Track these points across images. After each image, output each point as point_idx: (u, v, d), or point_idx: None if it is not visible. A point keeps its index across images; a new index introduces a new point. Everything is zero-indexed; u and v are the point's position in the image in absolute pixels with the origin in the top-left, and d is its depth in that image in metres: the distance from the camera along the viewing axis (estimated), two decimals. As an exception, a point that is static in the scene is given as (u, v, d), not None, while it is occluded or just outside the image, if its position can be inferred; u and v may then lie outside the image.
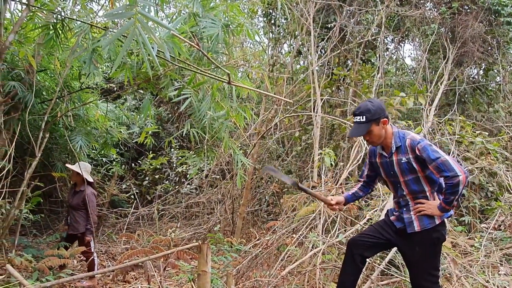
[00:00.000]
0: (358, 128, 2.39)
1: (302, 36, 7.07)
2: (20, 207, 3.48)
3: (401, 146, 2.40)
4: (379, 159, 2.54)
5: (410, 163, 2.36)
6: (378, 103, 2.42)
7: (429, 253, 2.40)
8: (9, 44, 3.60)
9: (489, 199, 5.38)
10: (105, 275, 4.68)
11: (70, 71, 5.26)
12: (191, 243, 4.21)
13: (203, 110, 3.35)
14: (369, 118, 2.35)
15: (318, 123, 5.81)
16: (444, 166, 2.23)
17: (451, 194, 2.26)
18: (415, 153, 2.33)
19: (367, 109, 2.36)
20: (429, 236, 2.39)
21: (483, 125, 7.31)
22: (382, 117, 2.38)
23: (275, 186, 6.70)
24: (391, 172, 2.47)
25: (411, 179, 2.40)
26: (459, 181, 2.21)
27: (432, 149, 2.29)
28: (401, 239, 2.49)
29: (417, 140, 2.34)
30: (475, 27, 7.15)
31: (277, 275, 3.57)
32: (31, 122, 4.80)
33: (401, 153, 2.40)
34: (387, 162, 2.48)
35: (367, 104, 2.39)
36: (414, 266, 2.45)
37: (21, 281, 2.08)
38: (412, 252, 2.43)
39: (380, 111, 2.37)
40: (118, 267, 3.02)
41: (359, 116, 2.37)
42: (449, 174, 2.22)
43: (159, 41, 2.00)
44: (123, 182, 8.27)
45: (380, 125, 2.38)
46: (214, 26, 3.06)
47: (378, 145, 2.49)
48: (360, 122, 2.38)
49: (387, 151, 2.47)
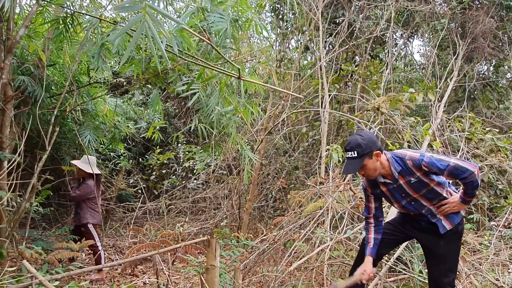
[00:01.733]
0: (351, 164, 2.30)
1: (310, 31, 7.03)
2: (31, 200, 3.51)
3: (402, 169, 2.33)
4: (384, 187, 2.46)
5: (420, 180, 2.33)
6: (369, 136, 2.33)
7: (453, 248, 2.41)
8: (19, 39, 3.63)
9: (498, 197, 5.33)
10: (113, 268, 4.73)
11: (79, 66, 5.29)
12: (198, 238, 4.23)
13: (211, 105, 3.35)
14: (361, 153, 2.26)
15: (325, 119, 5.79)
16: (457, 170, 2.21)
17: (473, 188, 2.27)
18: (423, 170, 2.28)
19: (358, 144, 2.27)
20: (456, 230, 2.40)
21: (493, 122, 7.22)
22: (374, 149, 2.28)
23: (282, 181, 6.70)
24: (402, 195, 2.42)
25: (425, 192, 2.37)
26: (474, 176, 2.22)
27: (437, 160, 2.25)
28: (425, 235, 2.49)
29: (418, 158, 2.28)
30: (486, 23, 7.04)
31: (284, 271, 3.57)
32: (41, 117, 4.84)
33: (407, 175, 2.34)
34: (395, 188, 2.41)
35: (357, 139, 2.30)
36: (436, 261, 2.44)
37: (36, 275, 2.10)
38: (437, 247, 2.42)
39: (372, 144, 2.28)
40: (127, 260, 3.04)
41: (350, 152, 2.29)
42: (465, 174, 2.21)
43: (168, 35, 1.99)
44: (130, 177, 8.33)
45: (374, 158, 2.30)
46: (222, 20, 3.04)
47: (374, 177, 2.40)
48: (352, 158, 2.29)
49: (390, 178, 2.40)
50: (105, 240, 6.14)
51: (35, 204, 4.07)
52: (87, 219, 4.52)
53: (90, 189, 4.48)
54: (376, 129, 5.14)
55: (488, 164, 5.26)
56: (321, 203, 4.30)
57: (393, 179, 2.38)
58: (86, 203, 4.53)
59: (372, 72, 6.75)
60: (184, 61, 3.33)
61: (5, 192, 3.42)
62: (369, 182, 2.51)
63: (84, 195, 4.47)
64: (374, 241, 2.54)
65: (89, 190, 4.48)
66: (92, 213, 4.55)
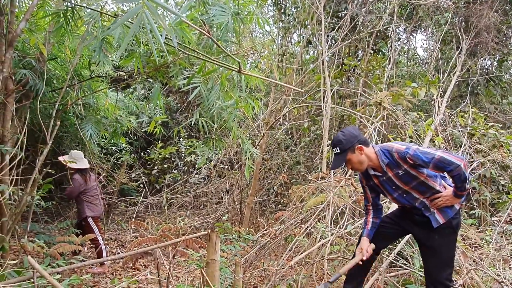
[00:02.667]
0: (336, 160, 2.41)
1: (312, 25, 6.98)
2: (32, 193, 3.52)
3: (390, 161, 2.37)
4: (375, 179, 2.52)
5: (408, 173, 2.35)
6: (350, 131, 2.41)
7: (448, 242, 2.41)
8: (20, 32, 3.61)
9: (500, 192, 5.31)
10: (115, 262, 4.76)
11: (80, 60, 5.28)
12: (200, 232, 4.24)
13: (212, 100, 3.34)
14: (343, 149, 2.36)
15: (327, 114, 5.76)
16: (442, 163, 2.22)
17: (462, 182, 2.26)
18: (409, 163, 2.31)
19: (339, 140, 2.38)
20: (449, 225, 2.39)
21: (496, 117, 7.18)
22: (356, 144, 2.36)
23: (283, 176, 6.70)
24: (393, 187, 2.45)
25: (416, 184, 2.38)
26: (461, 169, 2.21)
27: (422, 152, 2.27)
28: (420, 228, 2.49)
29: (403, 151, 2.31)
30: (490, 17, 6.98)
31: (285, 265, 3.58)
32: (42, 110, 4.85)
33: (394, 168, 2.38)
34: (384, 180, 2.46)
35: (338, 136, 2.41)
36: (432, 255, 2.44)
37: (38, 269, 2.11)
38: (432, 241, 2.42)
39: (352, 139, 2.36)
40: (128, 254, 3.06)
41: (334, 148, 2.41)
42: (451, 167, 2.21)
43: (167, 28, 1.98)
44: (132, 171, 8.35)
45: (357, 152, 2.37)
46: (223, 14, 3.02)
47: (362, 170, 2.46)
48: (337, 154, 2.40)
49: (379, 171, 2.45)
50: (107, 234, 6.17)
51: (37, 198, 4.08)
52: (86, 213, 4.55)
53: (78, 183, 4.51)
54: (378, 124, 5.11)
55: (490, 159, 5.23)
56: (322, 198, 4.30)
57: (382, 171, 2.42)
58: (81, 197, 4.55)
59: (375, 66, 6.72)
60: (185, 55, 3.32)
61: (7, 186, 3.42)
62: (363, 174, 2.58)
63: (74, 190, 4.50)
64: (371, 224, 2.61)
65: (77, 184, 4.50)
66: (90, 206, 4.58)
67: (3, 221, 3.36)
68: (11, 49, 3.52)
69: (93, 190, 4.65)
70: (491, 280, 3.26)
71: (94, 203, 4.62)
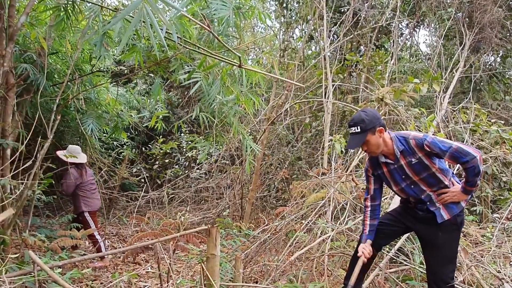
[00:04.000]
0: (354, 140, 2.35)
1: (314, 20, 6.95)
2: (33, 188, 3.53)
3: (404, 148, 2.35)
4: (385, 168, 2.48)
5: (421, 162, 2.33)
6: (373, 112, 2.37)
7: (451, 239, 2.39)
8: (21, 26, 3.60)
9: (502, 189, 5.28)
10: (116, 256, 4.77)
11: (81, 54, 5.27)
12: (200, 227, 4.25)
13: (212, 94, 3.33)
14: (364, 128, 2.31)
15: (329, 110, 5.74)
16: (459, 153, 2.20)
17: (474, 175, 2.24)
18: (425, 150, 2.29)
19: (361, 119, 2.32)
20: (454, 221, 2.37)
21: (499, 114, 7.14)
22: (377, 126, 2.32)
23: (284, 172, 6.69)
24: (403, 177, 2.42)
25: (426, 175, 2.36)
26: (477, 161, 2.19)
27: (439, 141, 2.25)
28: (423, 225, 2.47)
29: (421, 138, 2.30)
30: (494, 12, 6.91)
31: (285, 261, 3.59)
32: (43, 105, 4.84)
33: (408, 156, 2.35)
34: (396, 169, 2.42)
35: (360, 115, 2.35)
36: (434, 252, 2.42)
37: (39, 263, 2.12)
38: (435, 238, 2.40)
39: (375, 120, 2.33)
40: (128, 248, 3.06)
41: (354, 127, 2.34)
42: (467, 158, 2.19)
43: (167, 22, 1.96)
44: (133, 166, 8.36)
45: (377, 134, 2.33)
46: (225, 8, 3.00)
47: (377, 154, 2.42)
48: (356, 133, 2.34)
49: (391, 158, 2.41)
50: (108, 228, 6.19)
51: (38, 192, 4.09)
52: (81, 208, 4.56)
53: (73, 177, 4.50)
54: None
55: (492, 156, 5.20)
56: (323, 193, 4.30)
57: (394, 158, 2.39)
58: (77, 192, 4.55)
59: (377, 62, 6.68)
60: (186, 50, 3.30)
61: (8, 180, 3.43)
62: (371, 162, 2.54)
63: (69, 185, 4.49)
64: (369, 227, 2.57)
65: (73, 178, 4.50)
66: (85, 201, 4.58)
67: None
68: (11, 43, 3.51)
69: (89, 184, 4.64)
70: (491, 276, 3.25)
71: (91, 197, 4.62)
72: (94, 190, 4.73)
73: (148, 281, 4.04)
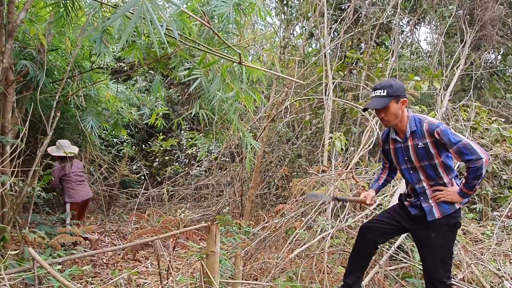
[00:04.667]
0: (376, 101, 2.32)
1: (315, 17, 6.92)
2: (33, 184, 3.52)
3: (416, 130, 2.33)
4: (392, 145, 2.47)
5: (427, 148, 2.29)
6: (400, 83, 2.38)
7: (445, 240, 2.35)
8: (20, 23, 3.59)
9: (502, 187, 5.28)
10: (116, 253, 4.78)
11: (81, 51, 5.25)
12: (200, 224, 4.25)
13: (212, 91, 3.32)
14: (390, 93, 2.30)
15: (329, 107, 5.73)
16: (466, 150, 2.17)
17: (474, 178, 2.19)
18: (434, 137, 2.25)
19: (390, 84, 2.32)
20: (446, 222, 2.33)
21: (499, 112, 7.12)
22: (402, 96, 2.32)
23: (284, 169, 6.69)
24: (405, 158, 2.40)
25: (427, 165, 2.33)
26: (482, 163, 2.15)
27: (452, 133, 2.22)
28: (416, 225, 2.44)
29: (435, 124, 2.26)
30: (495, 10, 6.89)
31: (285, 258, 3.59)
32: (43, 102, 4.84)
33: (417, 138, 2.32)
34: (401, 148, 2.41)
35: (390, 81, 2.36)
36: (429, 253, 2.40)
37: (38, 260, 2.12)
38: (428, 238, 2.37)
39: (402, 90, 2.33)
40: (128, 245, 3.06)
41: (380, 90, 2.32)
42: (472, 157, 2.16)
43: (167, 19, 1.95)
44: (133, 163, 8.36)
45: (399, 104, 2.32)
46: (225, 4, 2.98)
47: (392, 125, 2.40)
48: (380, 96, 2.32)
49: (401, 136, 2.40)
50: (108, 225, 6.19)
51: (38, 189, 4.09)
52: (65, 199, 4.74)
53: (56, 169, 4.64)
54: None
55: (493, 154, 5.20)
56: (323, 191, 4.29)
57: (403, 137, 2.39)
58: (62, 183, 4.73)
59: (378, 59, 6.66)
60: (186, 46, 3.29)
61: (7, 177, 3.43)
62: (383, 136, 2.58)
63: (55, 178, 4.62)
64: (383, 181, 2.72)
65: (56, 170, 4.64)
66: (69, 192, 4.73)
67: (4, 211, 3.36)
68: (11, 39, 3.49)
69: (74, 176, 4.77)
70: (491, 274, 3.25)
71: (75, 189, 4.75)
72: (81, 183, 4.83)
73: (148, 278, 4.04)
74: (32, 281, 2.46)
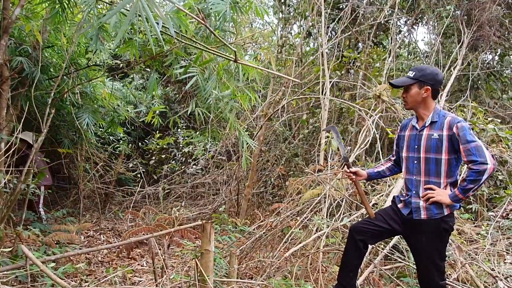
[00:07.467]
0: (402, 79, 2.42)
1: (312, 16, 6.91)
2: (26, 182, 3.51)
3: (437, 122, 2.34)
4: (408, 131, 2.50)
5: (440, 140, 2.30)
6: (436, 73, 2.39)
7: (435, 243, 2.34)
8: (16, 19, 3.56)
9: (498, 187, 5.30)
10: (111, 251, 4.76)
11: (77, 48, 5.22)
12: (194, 223, 4.24)
13: (208, 89, 3.31)
14: (416, 76, 2.36)
15: (326, 106, 5.73)
16: (476, 151, 2.17)
17: (472, 182, 2.18)
18: (452, 130, 2.26)
19: (422, 68, 2.39)
20: (436, 226, 2.33)
21: (496, 112, 7.14)
22: (428, 84, 2.34)
23: (281, 168, 6.69)
24: (415, 146, 2.42)
25: (432, 158, 2.33)
26: (485, 169, 2.15)
27: (470, 132, 2.23)
28: (407, 228, 2.45)
29: (458, 119, 2.29)
30: (493, 10, 6.89)
31: (280, 257, 3.59)
32: (38, 98, 4.81)
33: (435, 129, 2.34)
34: (415, 135, 2.43)
35: (425, 66, 2.43)
36: (420, 256, 2.41)
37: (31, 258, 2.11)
38: (418, 242, 2.38)
39: (431, 78, 2.35)
40: (123, 243, 3.05)
41: (411, 71, 2.39)
42: (478, 159, 2.16)
43: (163, 16, 1.94)
44: (130, 161, 8.33)
45: (422, 90, 2.36)
46: (222, 2, 2.97)
47: (410, 109, 2.47)
48: (408, 76, 2.40)
49: (420, 124, 2.43)
50: (104, 223, 6.18)
51: (32, 186, 4.07)
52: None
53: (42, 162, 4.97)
54: (377, 117, 5.09)
55: (488, 154, 5.21)
56: (319, 190, 4.30)
57: (421, 126, 2.41)
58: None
59: (375, 59, 6.66)
60: (182, 44, 3.28)
61: (2, 174, 3.41)
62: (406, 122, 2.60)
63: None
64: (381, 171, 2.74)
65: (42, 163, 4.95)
66: None
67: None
68: (6, 36, 3.47)
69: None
70: (485, 274, 3.27)
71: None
72: None
73: (143, 276, 4.03)
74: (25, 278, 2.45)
